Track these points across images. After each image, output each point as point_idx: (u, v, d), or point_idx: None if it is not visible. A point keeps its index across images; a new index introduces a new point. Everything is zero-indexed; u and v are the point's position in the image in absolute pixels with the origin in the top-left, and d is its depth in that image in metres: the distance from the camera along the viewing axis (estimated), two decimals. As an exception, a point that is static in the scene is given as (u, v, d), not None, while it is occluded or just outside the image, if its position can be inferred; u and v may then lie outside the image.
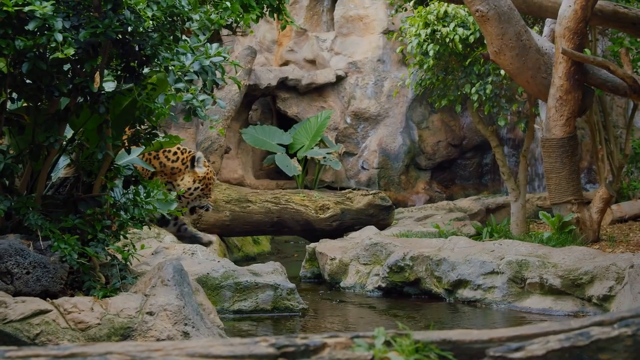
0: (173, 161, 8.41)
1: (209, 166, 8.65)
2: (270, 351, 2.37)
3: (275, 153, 14.41)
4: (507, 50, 9.11)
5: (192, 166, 8.47)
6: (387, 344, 2.45)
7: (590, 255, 7.79)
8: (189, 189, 8.45)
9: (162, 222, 8.82)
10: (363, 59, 15.55)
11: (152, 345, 2.31)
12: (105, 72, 5.46)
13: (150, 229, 8.95)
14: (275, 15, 9.10)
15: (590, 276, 7.40)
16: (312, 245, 9.64)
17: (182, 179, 8.44)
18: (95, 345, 2.30)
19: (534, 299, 7.69)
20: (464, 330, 2.52)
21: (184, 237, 8.67)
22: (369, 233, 9.74)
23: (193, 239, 8.59)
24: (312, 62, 16.10)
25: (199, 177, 8.48)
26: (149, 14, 4.98)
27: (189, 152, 8.56)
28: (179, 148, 8.46)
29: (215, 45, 5.49)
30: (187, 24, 5.40)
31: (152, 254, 7.47)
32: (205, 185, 8.53)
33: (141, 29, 5.02)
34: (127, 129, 5.76)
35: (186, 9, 5.21)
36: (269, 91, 15.27)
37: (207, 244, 8.63)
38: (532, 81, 9.37)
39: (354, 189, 12.03)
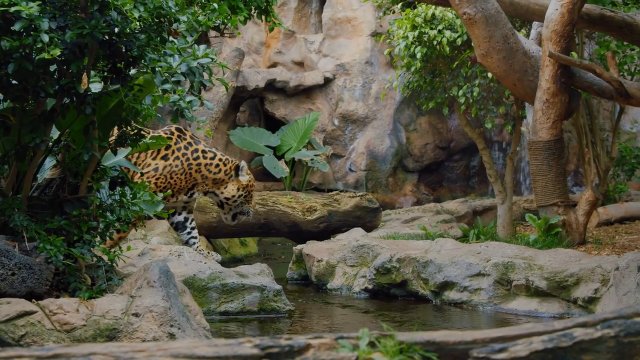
0: (215, 173, 8.78)
1: (250, 173, 9.04)
2: (255, 352, 2.37)
3: (263, 155, 14.39)
4: (494, 53, 9.13)
5: (237, 175, 8.86)
6: (372, 344, 2.46)
7: (576, 258, 7.82)
8: (233, 196, 8.89)
9: (178, 227, 8.87)
10: (351, 61, 15.55)
11: (136, 346, 2.31)
12: (92, 73, 5.45)
13: (137, 230, 8.95)
14: (263, 17, 9.09)
15: (575, 278, 7.43)
16: (299, 247, 9.63)
17: (225, 188, 8.86)
18: (79, 346, 2.30)
19: (519, 301, 7.72)
20: (448, 332, 2.53)
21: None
22: (356, 235, 9.74)
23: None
24: (300, 64, 16.10)
25: (242, 185, 8.91)
26: (136, 15, 4.98)
27: (232, 161, 8.92)
28: (220, 160, 8.84)
29: (202, 46, 5.49)
30: (174, 25, 5.39)
31: (139, 255, 7.45)
32: (248, 192, 8.99)
33: (128, 30, 5.02)
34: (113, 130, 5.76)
35: (173, 10, 5.21)
36: (257, 93, 15.25)
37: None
38: (519, 84, 9.40)
39: (341, 191, 12.03)
